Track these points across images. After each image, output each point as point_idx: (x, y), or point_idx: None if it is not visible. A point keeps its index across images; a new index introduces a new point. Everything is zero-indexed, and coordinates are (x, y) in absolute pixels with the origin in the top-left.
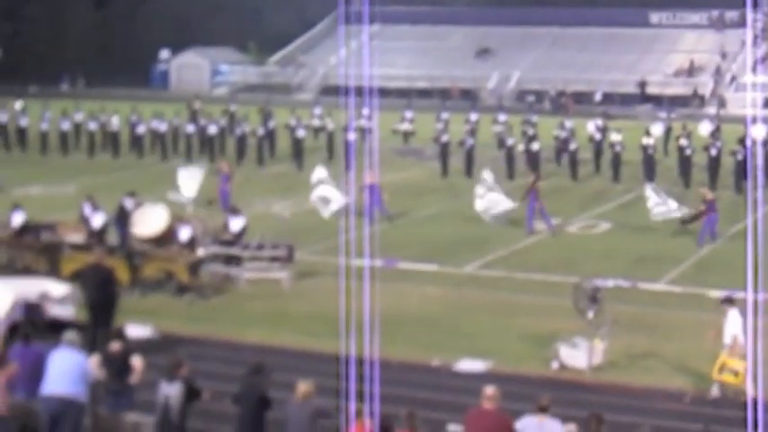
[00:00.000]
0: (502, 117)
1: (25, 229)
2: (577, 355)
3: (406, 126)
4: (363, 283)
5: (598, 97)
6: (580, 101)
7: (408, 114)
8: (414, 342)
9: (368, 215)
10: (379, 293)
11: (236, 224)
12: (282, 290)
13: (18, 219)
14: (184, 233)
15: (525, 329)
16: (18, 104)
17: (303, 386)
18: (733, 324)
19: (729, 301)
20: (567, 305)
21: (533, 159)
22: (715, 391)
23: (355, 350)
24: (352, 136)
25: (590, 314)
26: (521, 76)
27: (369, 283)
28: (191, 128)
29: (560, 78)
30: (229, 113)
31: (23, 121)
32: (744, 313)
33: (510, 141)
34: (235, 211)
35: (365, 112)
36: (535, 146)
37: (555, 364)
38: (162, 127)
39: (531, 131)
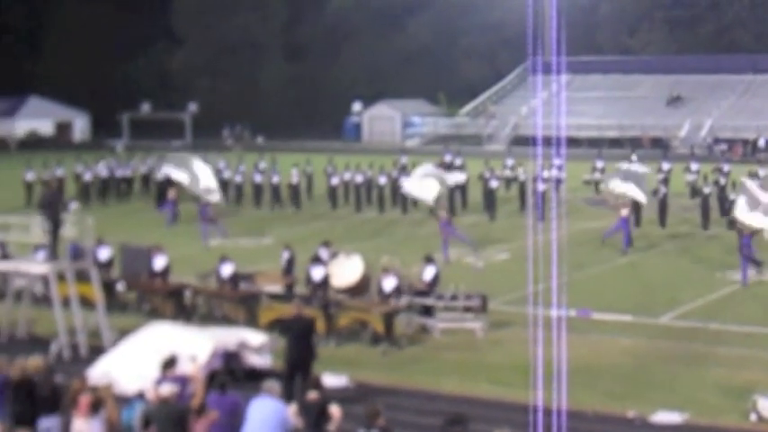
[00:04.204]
0: (694, 166)
1: (234, 279)
2: None
3: (597, 176)
4: (553, 334)
5: (762, 143)
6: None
7: (599, 164)
8: (609, 393)
9: (625, 243)
10: (573, 344)
11: (428, 273)
12: (476, 340)
13: (227, 269)
14: (388, 283)
15: (722, 381)
16: (222, 161)
17: None
18: None
19: None
20: (764, 357)
21: (730, 209)
22: None
23: (548, 400)
24: (541, 186)
25: None
26: (713, 123)
27: (559, 333)
28: (382, 179)
29: (753, 126)
30: (449, 165)
31: (226, 174)
32: None
33: (707, 190)
34: (429, 259)
35: (556, 162)
36: (732, 195)
37: (753, 417)
38: (357, 178)
39: (723, 180)
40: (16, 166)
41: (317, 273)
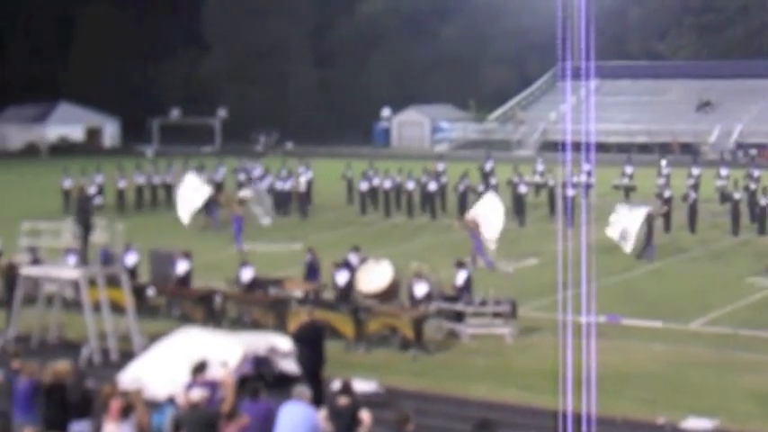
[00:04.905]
0: (724, 171)
1: (254, 284)
2: None
3: (626, 181)
4: (583, 340)
5: None
6: None
7: (628, 169)
8: (638, 399)
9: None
10: (602, 350)
11: (460, 277)
12: (505, 345)
13: (247, 274)
14: (420, 289)
15: (753, 387)
16: (258, 168)
17: None
18: None
19: None
20: None
21: (760, 214)
22: None
23: (577, 406)
24: (570, 191)
25: None
26: (743, 129)
27: (588, 339)
28: (410, 185)
29: None
30: (485, 171)
31: (268, 182)
32: None
33: (737, 196)
34: (460, 264)
35: (585, 167)
36: (763, 201)
37: None
38: (386, 184)
39: (753, 185)
40: (48, 172)
41: (342, 277)
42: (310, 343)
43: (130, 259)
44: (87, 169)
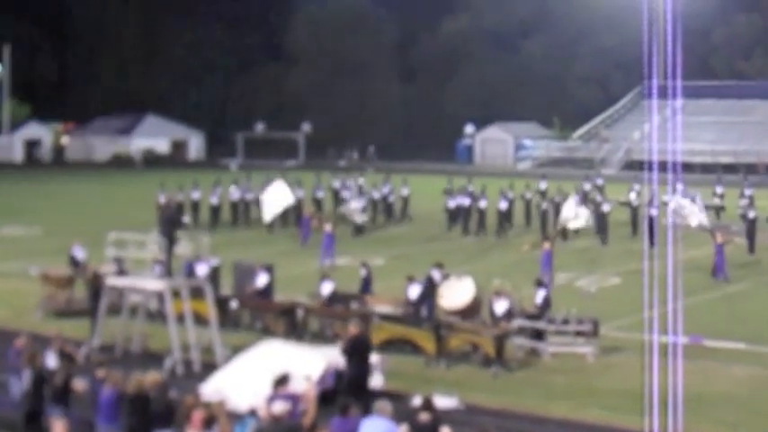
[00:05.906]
0: None
1: (333, 298)
2: None
3: (716, 201)
4: (669, 361)
5: None
6: None
7: (719, 189)
8: (720, 422)
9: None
10: (684, 371)
11: (539, 296)
12: (587, 364)
13: (327, 288)
14: (500, 306)
15: None
16: (337, 181)
17: None
18: None
19: None
20: None
21: None
22: None
23: (660, 428)
24: (654, 211)
25: None
26: None
27: (675, 360)
28: (483, 203)
29: None
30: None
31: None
32: None
33: None
34: (540, 283)
35: (678, 187)
36: None
37: None
38: (465, 201)
39: None
40: (137, 184)
41: (413, 291)
42: (357, 355)
43: (201, 270)
44: (184, 184)
